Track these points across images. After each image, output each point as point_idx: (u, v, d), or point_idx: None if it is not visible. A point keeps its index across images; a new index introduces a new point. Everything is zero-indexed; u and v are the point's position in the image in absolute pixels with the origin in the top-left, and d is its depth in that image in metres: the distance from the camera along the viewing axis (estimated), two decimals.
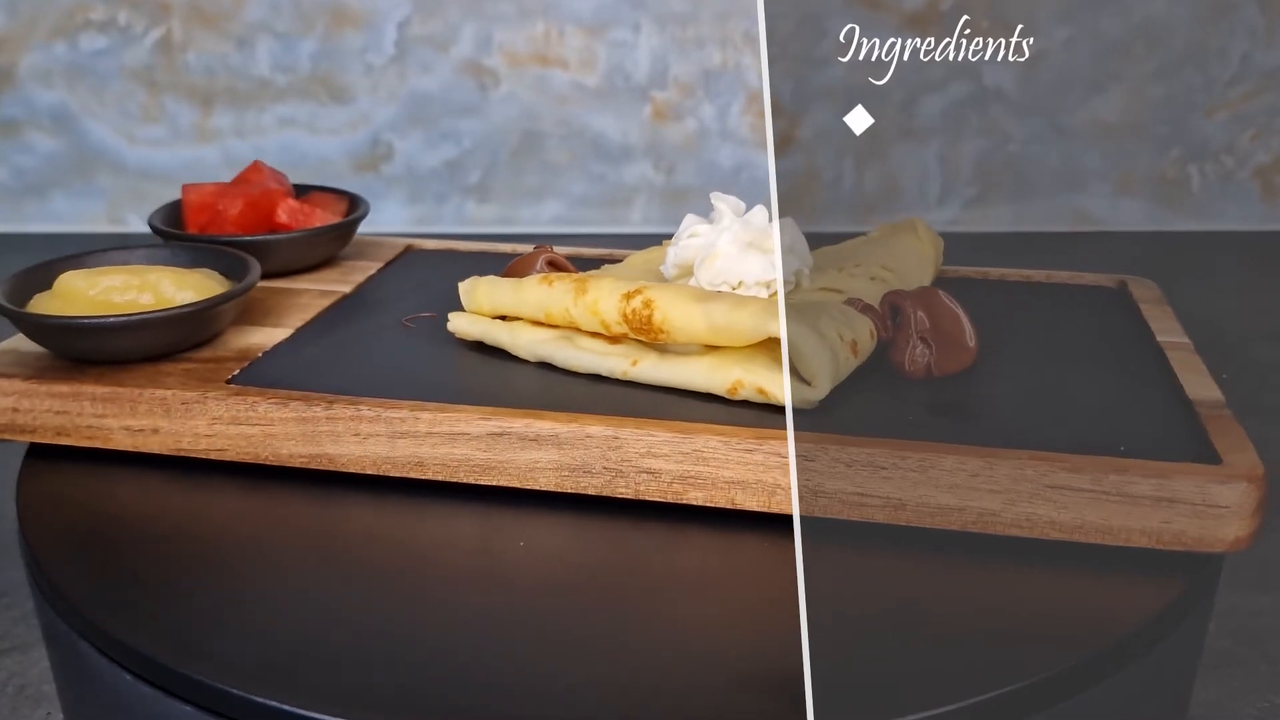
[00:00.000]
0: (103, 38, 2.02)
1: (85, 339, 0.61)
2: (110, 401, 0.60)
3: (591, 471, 0.55)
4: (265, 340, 0.66)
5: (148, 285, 0.64)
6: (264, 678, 0.45)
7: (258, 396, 0.58)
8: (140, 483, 0.60)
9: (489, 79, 2.06)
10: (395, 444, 0.57)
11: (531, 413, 0.56)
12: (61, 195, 2.09)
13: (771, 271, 0.61)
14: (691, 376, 0.58)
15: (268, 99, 2.05)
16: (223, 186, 0.79)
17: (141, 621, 0.48)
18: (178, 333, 0.63)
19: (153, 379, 0.60)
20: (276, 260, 0.75)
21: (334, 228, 0.78)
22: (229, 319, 0.66)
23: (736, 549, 0.54)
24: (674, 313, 0.58)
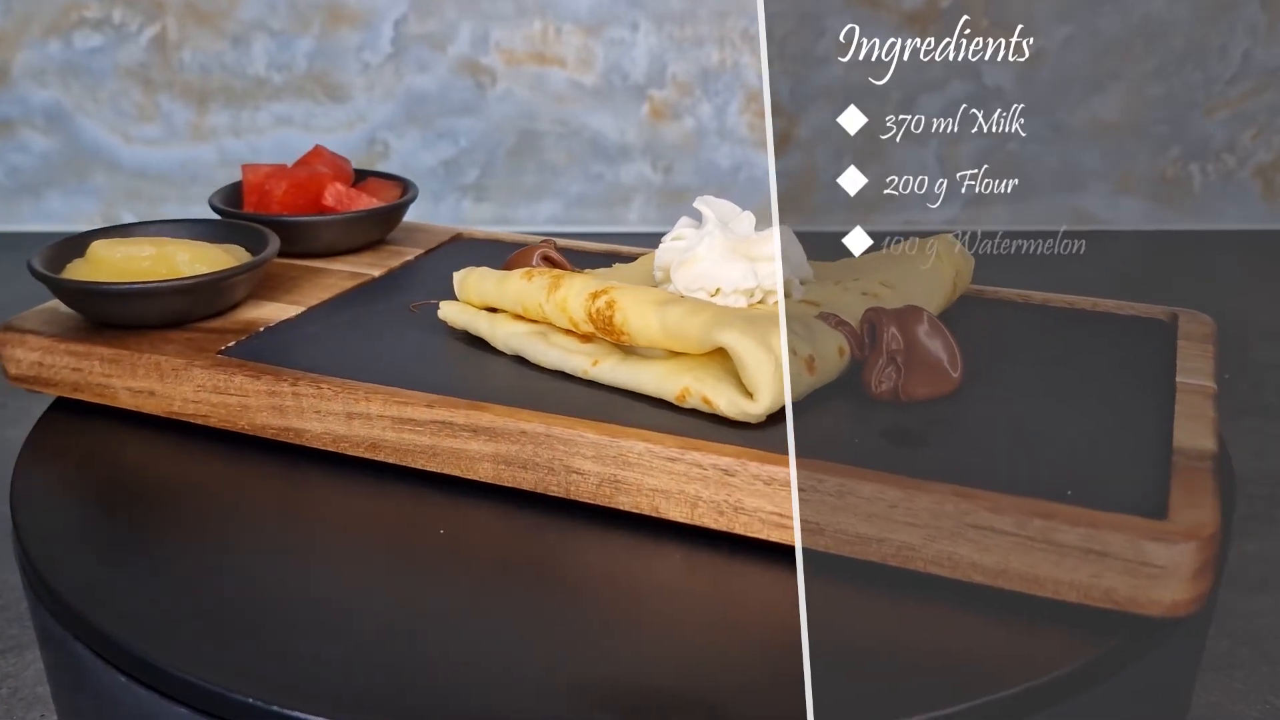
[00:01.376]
0: (97, 36, 2.02)
1: (97, 303, 0.66)
2: (115, 363, 0.64)
3: (526, 466, 0.56)
4: (274, 316, 0.69)
5: (164, 257, 0.69)
6: (259, 680, 0.45)
7: (236, 368, 0.61)
8: (140, 452, 0.64)
9: (486, 78, 2.06)
10: (351, 424, 0.59)
11: (474, 404, 0.57)
12: (56, 194, 2.09)
13: (752, 279, 0.60)
14: (645, 381, 0.58)
15: (263, 98, 2.05)
16: (277, 168, 0.82)
17: (136, 623, 0.49)
18: (185, 302, 0.67)
19: (155, 345, 0.64)
20: (318, 241, 0.79)
21: (371, 212, 0.80)
22: (242, 292, 0.70)
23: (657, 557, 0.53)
24: (632, 314, 0.58)
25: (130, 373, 0.64)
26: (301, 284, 0.75)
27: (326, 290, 0.74)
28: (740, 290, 0.60)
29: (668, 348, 0.58)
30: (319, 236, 0.79)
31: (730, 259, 0.61)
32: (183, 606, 0.50)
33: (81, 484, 0.61)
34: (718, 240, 0.61)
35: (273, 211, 0.80)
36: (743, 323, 0.55)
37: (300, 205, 0.80)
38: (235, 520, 0.57)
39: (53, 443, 0.65)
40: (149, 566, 0.53)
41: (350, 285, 0.75)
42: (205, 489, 0.60)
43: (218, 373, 0.61)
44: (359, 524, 0.57)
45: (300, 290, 0.74)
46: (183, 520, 0.58)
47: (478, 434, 0.56)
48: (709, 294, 0.61)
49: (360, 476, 0.60)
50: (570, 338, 0.62)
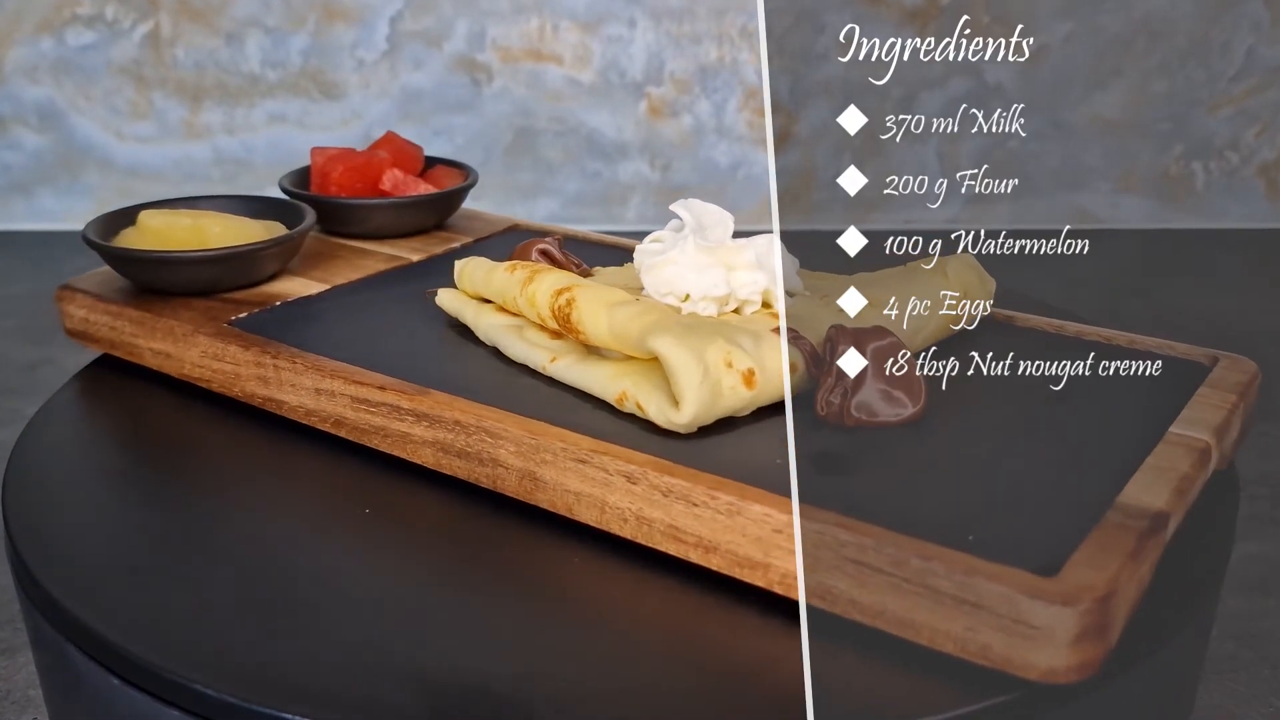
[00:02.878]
0: (90, 33, 2.02)
1: (131, 268, 0.72)
2: (140, 324, 0.69)
3: (460, 455, 0.57)
4: (297, 291, 0.73)
5: (199, 229, 0.74)
6: (253, 683, 0.45)
7: (234, 338, 0.65)
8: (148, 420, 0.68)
9: (482, 75, 2.06)
10: (319, 399, 0.62)
11: (420, 390, 0.58)
12: (49, 193, 2.09)
13: (724, 287, 0.59)
14: (591, 381, 0.58)
15: (258, 95, 2.05)
16: (343, 152, 0.85)
17: (130, 625, 0.49)
18: (213, 272, 0.71)
19: (176, 310, 0.69)
20: (370, 224, 0.82)
21: (418, 198, 0.83)
22: (272, 266, 0.73)
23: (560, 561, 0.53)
24: (586, 314, 0.58)
25: (150, 334, 0.69)
26: (340, 263, 0.78)
27: (359, 271, 0.76)
28: (710, 298, 0.59)
29: (615, 349, 0.58)
30: (370, 219, 0.82)
31: (703, 266, 0.59)
32: (176, 609, 0.50)
33: (74, 483, 0.62)
34: (690, 246, 0.60)
35: (329, 193, 0.83)
36: (681, 330, 0.54)
37: (357, 188, 0.83)
38: (224, 508, 0.58)
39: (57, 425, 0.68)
40: (142, 568, 0.53)
41: (384, 268, 0.77)
42: (203, 459, 0.63)
43: (217, 341, 0.65)
44: (326, 499, 0.59)
45: (335, 269, 0.77)
46: (173, 514, 0.58)
47: (420, 419, 0.58)
48: (679, 299, 0.60)
49: (334, 451, 0.62)
50: (542, 333, 0.62)
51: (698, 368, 0.53)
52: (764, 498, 0.48)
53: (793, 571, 0.47)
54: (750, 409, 0.56)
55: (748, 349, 0.55)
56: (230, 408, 0.66)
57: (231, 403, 0.66)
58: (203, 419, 0.66)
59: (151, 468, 0.63)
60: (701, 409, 0.53)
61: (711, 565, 0.49)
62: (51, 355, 1.61)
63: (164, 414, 0.67)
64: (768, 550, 0.48)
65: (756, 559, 0.48)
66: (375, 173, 0.84)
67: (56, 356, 1.60)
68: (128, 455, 0.65)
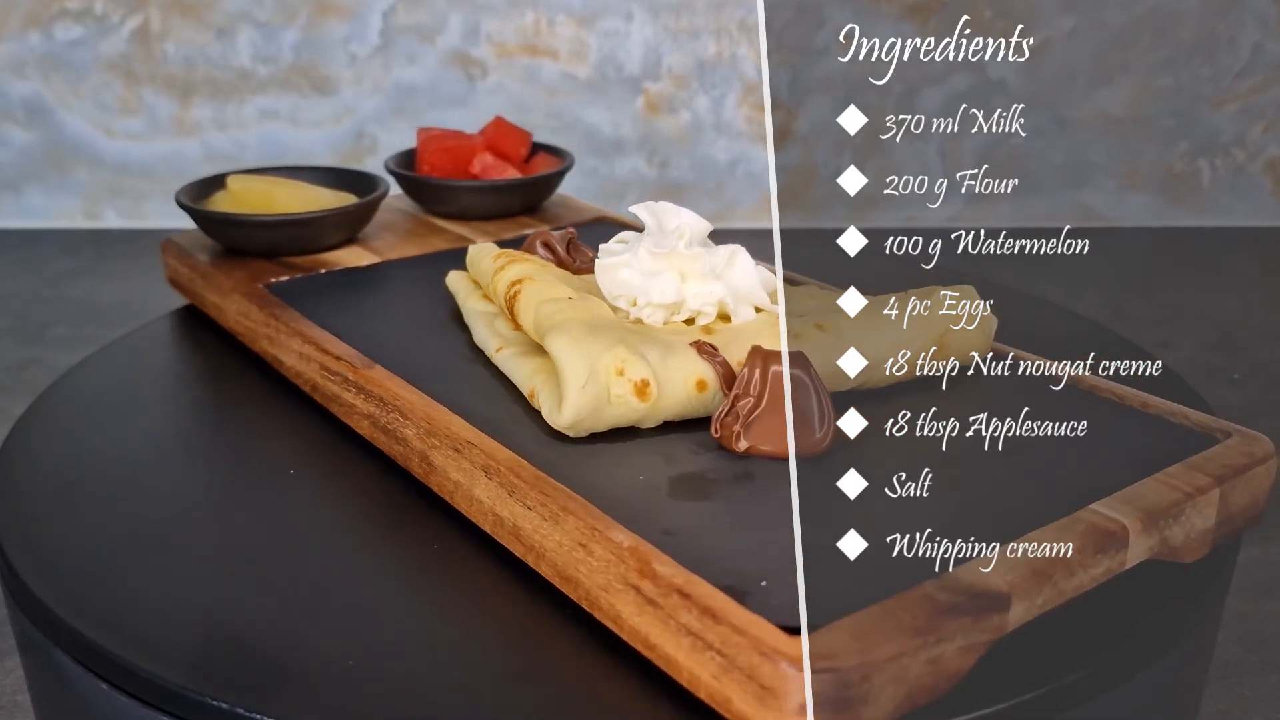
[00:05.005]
0: (78, 27, 2.01)
1: (206, 228, 0.79)
2: (206, 279, 0.77)
3: (384, 430, 0.60)
4: (346, 261, 0.79)
5: (268, 194, 0.81)
6: (245, 686, 0.45)
7: (257, 298, 0.71)
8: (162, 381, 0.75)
9: (477, 70, 2.05)
10: (301, 363, 0.66)
11: (366, 363, 0.62)
12: (37, 190, 2.08)
13: (673, 295, 0.58)
14: (515, 374, 0.60)
15: (249, 91, 2.05)
16: (445, 133, 0.91)
17: (119, 629, 0.49)
18: (272, 236, 0.77)
19: (232, 269, 0.76)
20: (456, 205, 0.87)
21: (497, 183, 0.87)
22: (333, 235, 0.79)
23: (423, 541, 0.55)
24: (522, 305, 0.59)
25: (205, 288, 0.77)
26: (412, 239, 0.83)
27: (423, 249, 0.81)
28: (657, 304, 0.58)
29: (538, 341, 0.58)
30: (455, 200, 0.87)
31: (655, 271, 0.58)
32: (166, 613, 0.50)
33: (62, 486, 0.61)
34: (643, 251, 0.59)
35: (423, 173, 0.88)
36: (582, 332, 0.54)
37: (448, 169, 0.88)
38: (218, 496, 0.60)
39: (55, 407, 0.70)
40: (131, 572, 0.53)
41: (447, 247, 0.81)
42: (199, 459, 0.65)
43: (246, 299, 0.72)
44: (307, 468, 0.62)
45: (402, 244, 0.82)
46: (166, 515, 0.58)
47: (360, 392, 0.61)
48: (630, 302, 0.59)
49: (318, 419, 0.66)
50: (509, 323, 0.63)
51: (584, 371, 0.52)
52: (581, 510, 0.47)
53: (593, 591, 0.46)
54: (653, 422, 0.55)
55: (651, 360, 0.54)
56: (229, 402, 0.71)
57: (230, 398, 0.71)
58: (196, 418, 0.69)
59: (143, 470, 0.63)
60: (583, 413, 0.53)
61: (542, 572, 0.49)
62: (40, 355, 1.60)
63: (155, 415, 0.69)
64: (576, 564, 0.47)
65: (568, 572, 0.47)
66: (467, 155, 0.88)
67: (45, 356, 1.59)
68: (118, 457, 0.64)
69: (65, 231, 2.06)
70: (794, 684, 0.39)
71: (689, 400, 0.55)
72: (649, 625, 0.44)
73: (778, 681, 0.39)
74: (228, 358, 0.74)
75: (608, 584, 0.45)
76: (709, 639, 0.41)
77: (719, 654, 0.41)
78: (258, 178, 0.83)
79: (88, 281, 1.85)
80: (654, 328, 0.58)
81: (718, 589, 0.42)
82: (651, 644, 0.44)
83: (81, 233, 2.05)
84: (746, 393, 0.53)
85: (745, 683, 0.40)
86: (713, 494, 0.51)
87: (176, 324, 0.81)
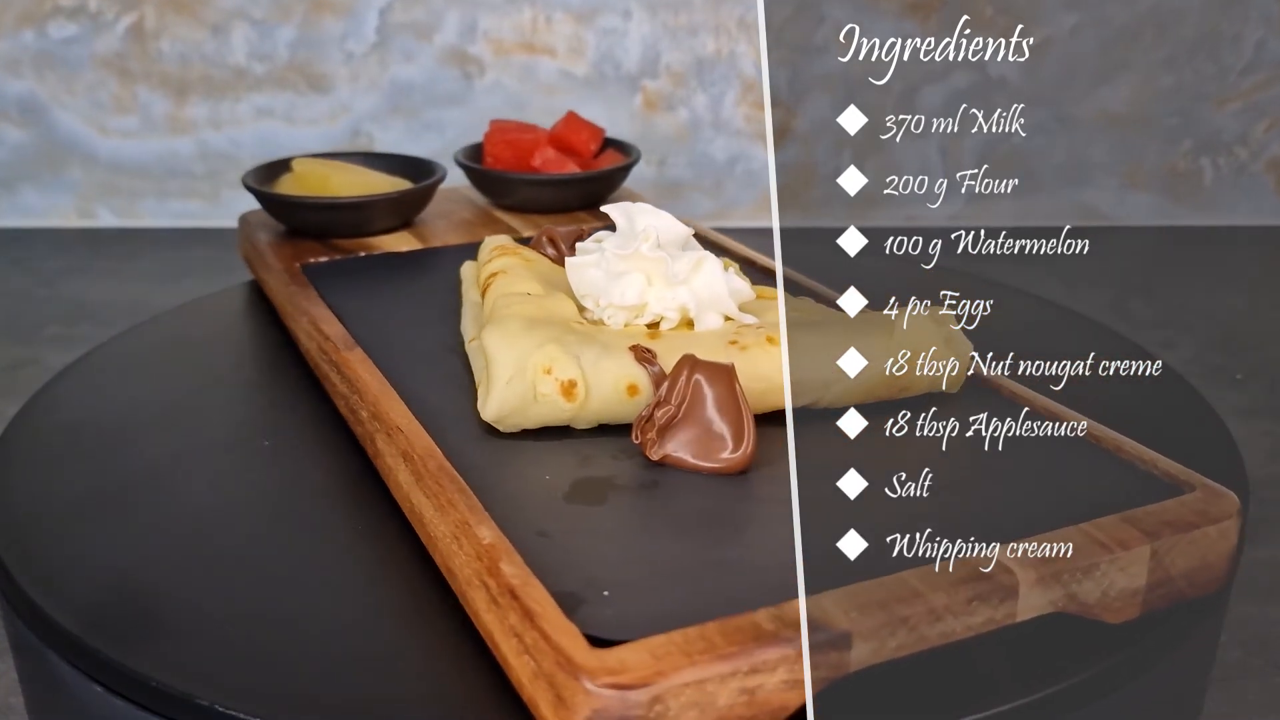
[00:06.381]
0: (72, 25, 2.01)
1: (267, 208, 0.84)
2: (260, 256, 0.82)
3: (350, 408, 0.62)
4: (391, 246, 0.82)
5: (322, 177, 0.84)
6: (240, 691, 0.45)
7: (288, 277, 0.76)
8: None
9: (474, 67, 2.05)
10: (307, 341, 0.69)
11: (347, 346, 0.64)
12: (30, 188, 2.08)
13: (634, 298, 0.58)
14: (474, 365, 0.61)
15: (244, 88, 2.05)
16: (513, 125, 0.93)
17: (114, 632, 0.49)
18: (323, 217, 0.81)
19: (281, 249, 0.81)
20: (515, 197, 0.89)
21: (550, 177, 0.88)
22: (383, 219, 0.82)
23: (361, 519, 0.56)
24: (488, 298, 0.60)
25: (258, 265, 0.82)
26: (462, 228, 0.86)
27: (469, 238, 0.83)
28: (618, 306, 0.58)
29: None
30: (513, 192, 0.89)
31: (619, 273, 0.58)
32: (160, 614, 0.50)
33: (54, 486, 0.61)
34: (609, 253, 0.59)
35: (486, 164, 0.90)
36: (519, 327, 0.55)
37: (510, 162, 0.90)
38: (216, 511, 0.59)
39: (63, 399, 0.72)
40: (125, 573, 0.53)
41: (483, 238, 0.81)
42: (194, 458, 0.64)
43: (277, 276, 0.77)
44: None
45: (452, 233, 0.85)
46: (160, 516, 0.58)
47: (337, 372, 0.63)
48: (595, 302, 0.60)
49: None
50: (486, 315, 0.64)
51: (510, 366, 0.53)
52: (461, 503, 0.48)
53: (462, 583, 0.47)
54: (585, 423, 0.55)
55: (585, 361, 0.54)
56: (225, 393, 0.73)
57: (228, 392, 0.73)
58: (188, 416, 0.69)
59: (135, 471, 0.63)
60: (507, 408, 0.54)
61: (435, 560, 0.50)
62: (35, 355, 1.59)
63: (146, 417, 0.69)
64: (453, 556, 0.47)
65: (449, 563, 0.48)
66: (530, 148, 0.89)
67: (39, 356, 1.58)
68: (111, 458, 0.64)
69: (59, 230, 2.05)
70: (582, 696, 0.39)
71: (620, 404, 0.55)
72: (493, 623, 0.44)
73: (568, 692, 0.39)
74: (261, 340, 0.79)
75: (469, 578, 0.46)
76: (526, 642, 0.42)
77: (531, 658, 0.41)
78: (320, 161, 0.87)
79: (81, 280, 1.84)
80: (603, 330, 0.58)
81: (550, 595, 0.42)
82: (495, 641, 0.44)
83: (75, 231, 2.05)
84: (667, 401, 0.52)
85: (547, 690, 0.40)
86: (609, 500, 0.51)
87: (175, 323, 0.83)
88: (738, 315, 0.59)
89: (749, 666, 0.40)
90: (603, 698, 0.38)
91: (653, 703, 0.39)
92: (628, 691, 0.38)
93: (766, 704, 0.40)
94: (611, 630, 0.41)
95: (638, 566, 0.46)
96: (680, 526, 0.49)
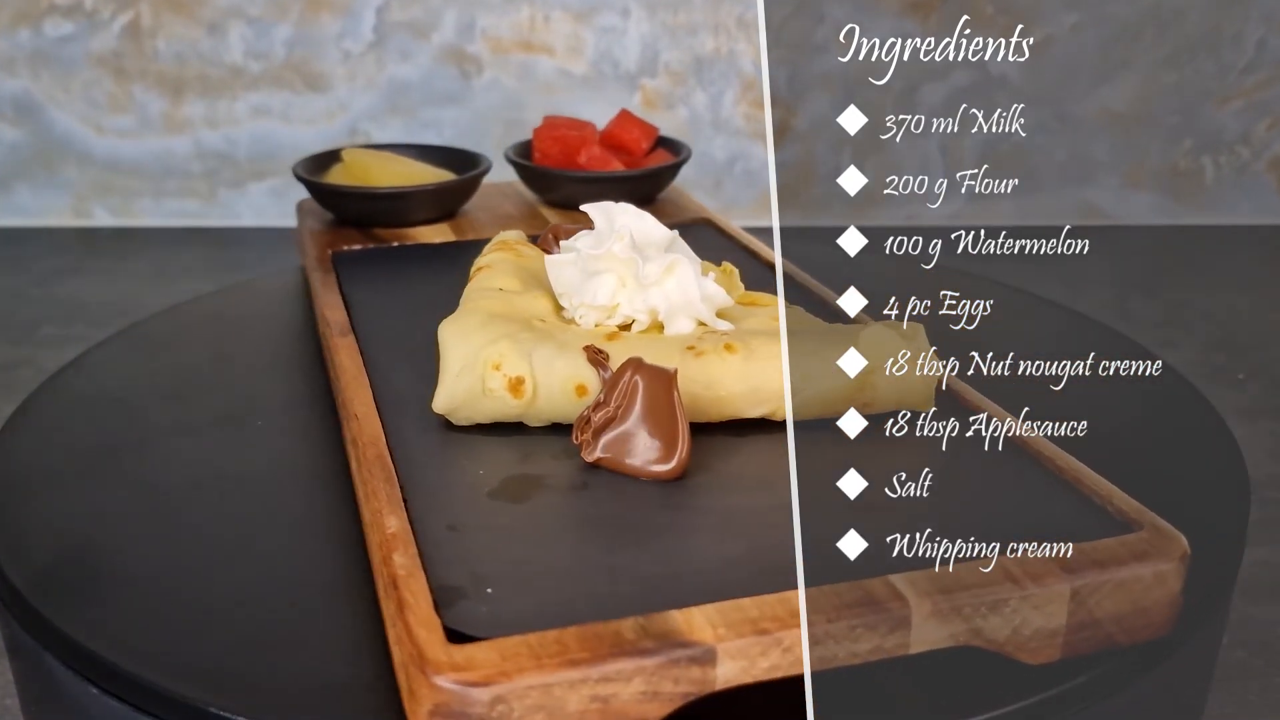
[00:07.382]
0: (68, 23, 2.01)
1: (315, 195, 0.86)
2: (301, 241, 0.85)
3: (336, 391, 0.63)
4: (423, 237, 0.83)
5: (364, 167, 0.86)
6: (237, 692, 0.45)
7: (320, 264, 0.78)
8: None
9: (471, 66, 2.05)
10: (321, 326, 0.71)
11: (343, 335, 0.66)
12: (25, 188, 2.08)
13: (605, 299, 0.57)
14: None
15: (240, 87, 2.05)
16: (566, 121, 0.93)
17: (108, 633, 0.49)
18: (364, 206, 0.83)
19: (321, 236, 0.83)
20: (560, 193, 0.89)
21: (592, 174, 0.88)
22: (420, 211, 0.84)
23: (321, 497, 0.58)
24: (466, 288, 0.61)
25: (300, 250, 0.85)
26: (502, 221, 0.86)
27: (491, 231, 0.82)
28: (589, 306, 0.57)
29: None
30: (557, 188, 0.89)
31: (591, 273, 0.57)
32: (156, 615, 0.50)
33: (49, 487, 0.61)
34: (584, 252, 0.59)
35: (535, 160, 0.91)
36: (474, 322, 0.56)
37: (558, 158, 0.90)
38: (212, 512, 0.59)
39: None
40: (121, 574, 0.53)
41: (517, 233, 0.83)
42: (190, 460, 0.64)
43: (310, 262, 0.80)
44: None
45: (491, 226, 0.85)
46: (155, 518, 0.58)
47: (331, 359, 0.65)
48: (569, 300, 0.60)
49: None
50: None
51: (460, 360, 0.54)
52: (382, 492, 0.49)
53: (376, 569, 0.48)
54: (537, 421, 0.55)
55: (537, 359, 0.54)
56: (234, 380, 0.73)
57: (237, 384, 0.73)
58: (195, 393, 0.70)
59: (132, 472, 0.63)
60: (455, 401, 0.54)
61: (369, 544, 0.51)
62: (29, 355, 1.59)
63: (143, 417, 0.69)
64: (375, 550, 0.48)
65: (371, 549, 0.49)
66: (577, 145, 0.89)
67: (34, 357, 1.58)
68: (106, 459, 0.64)
69: (54, 230, 2.05)
70: (427, 690, 0.40)
71: (570, 404, 0.55)
72: (384, 611, 0.46)
73: (416, 684, 0.40)
74: (293, 324, 0.80)
75: (377, 566, 0.47)
76: (396, 632, 0.43)
77: (399, 648, 0.42)
78: (366, 152, 0.88)
79: (77, 280, 1.84)
80: (566, 329, 0.58)
81: (431, 589, 0.43)
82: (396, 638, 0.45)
83: (70, 231, 2.05)
84: (606, 402, 0.52)
85: (405, 680, 0.42)
86: (532, 499, 0.51)
87: (171, 322, 0.83)
88: (711, 321, 0.58)
89: (600, 675, 0.39)
90: (445, 692, 0.39)
91: (495, 702, 0.39)
92: (470, 689, 0.39)
93: (623, 714, 0.40)
94: (480, 628, 0.41)
95: (530, 566, 0.46)
96: (591, 530, 0.49)
